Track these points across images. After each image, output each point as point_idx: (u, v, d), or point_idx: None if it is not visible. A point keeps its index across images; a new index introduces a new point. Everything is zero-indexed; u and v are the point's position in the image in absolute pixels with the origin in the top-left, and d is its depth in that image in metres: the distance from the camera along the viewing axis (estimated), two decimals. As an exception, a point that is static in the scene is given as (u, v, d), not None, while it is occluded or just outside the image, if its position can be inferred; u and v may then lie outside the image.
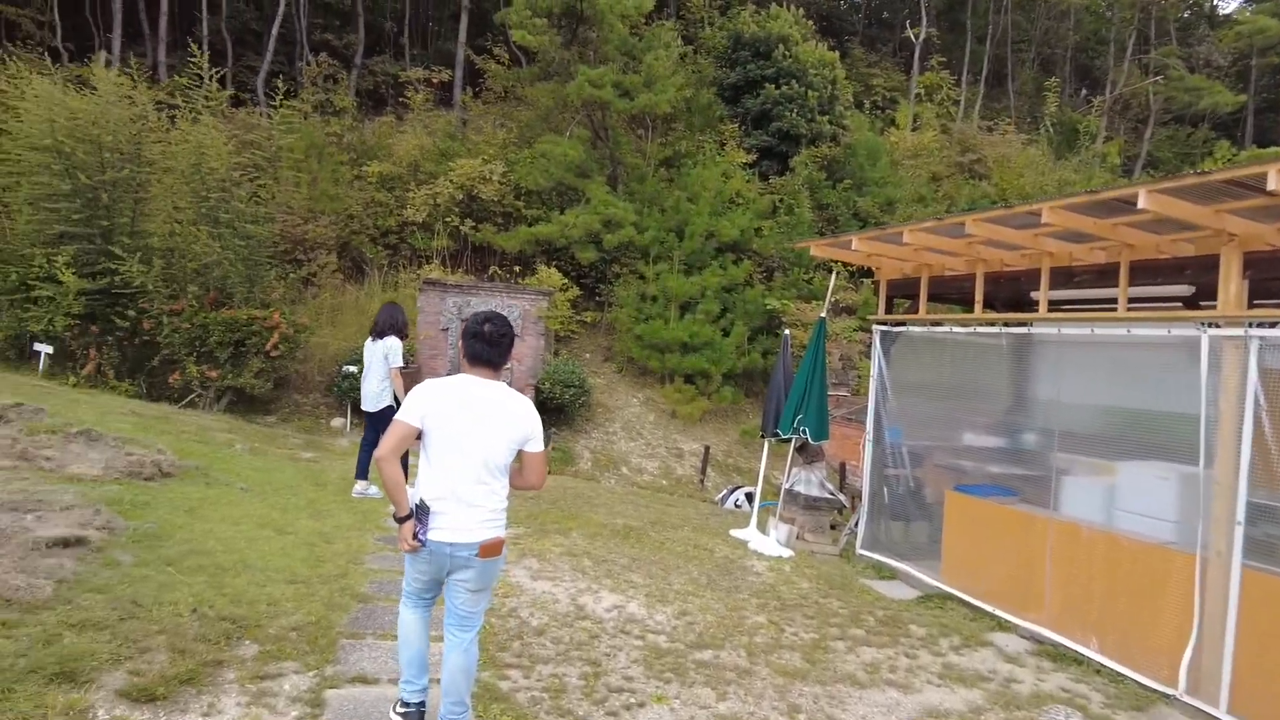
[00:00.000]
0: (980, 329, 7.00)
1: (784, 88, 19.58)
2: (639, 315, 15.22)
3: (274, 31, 20.25)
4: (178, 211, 10.82)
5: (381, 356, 7.70)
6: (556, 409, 13.01)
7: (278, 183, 15.22)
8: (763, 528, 8.58)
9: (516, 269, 15.69)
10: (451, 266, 15.98)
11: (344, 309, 14.92)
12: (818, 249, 7.96)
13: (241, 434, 10.09)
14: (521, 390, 13.19)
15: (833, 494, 9.25)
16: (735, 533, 8.56)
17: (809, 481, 9.15)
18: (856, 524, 8.70)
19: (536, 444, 3.19)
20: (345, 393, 12.02)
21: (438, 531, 3.04)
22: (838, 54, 22.30)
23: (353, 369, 11.93)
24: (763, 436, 8.99)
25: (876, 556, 7.87)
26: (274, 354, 10.81)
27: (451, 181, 15.56)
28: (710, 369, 14.84)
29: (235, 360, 11.01)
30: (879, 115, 26.47)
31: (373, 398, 7.84)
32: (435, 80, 19.90)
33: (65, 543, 4.49)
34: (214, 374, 10.79)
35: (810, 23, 23.29)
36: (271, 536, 5.68)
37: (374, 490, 7.73)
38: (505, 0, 19.26)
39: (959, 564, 6.91)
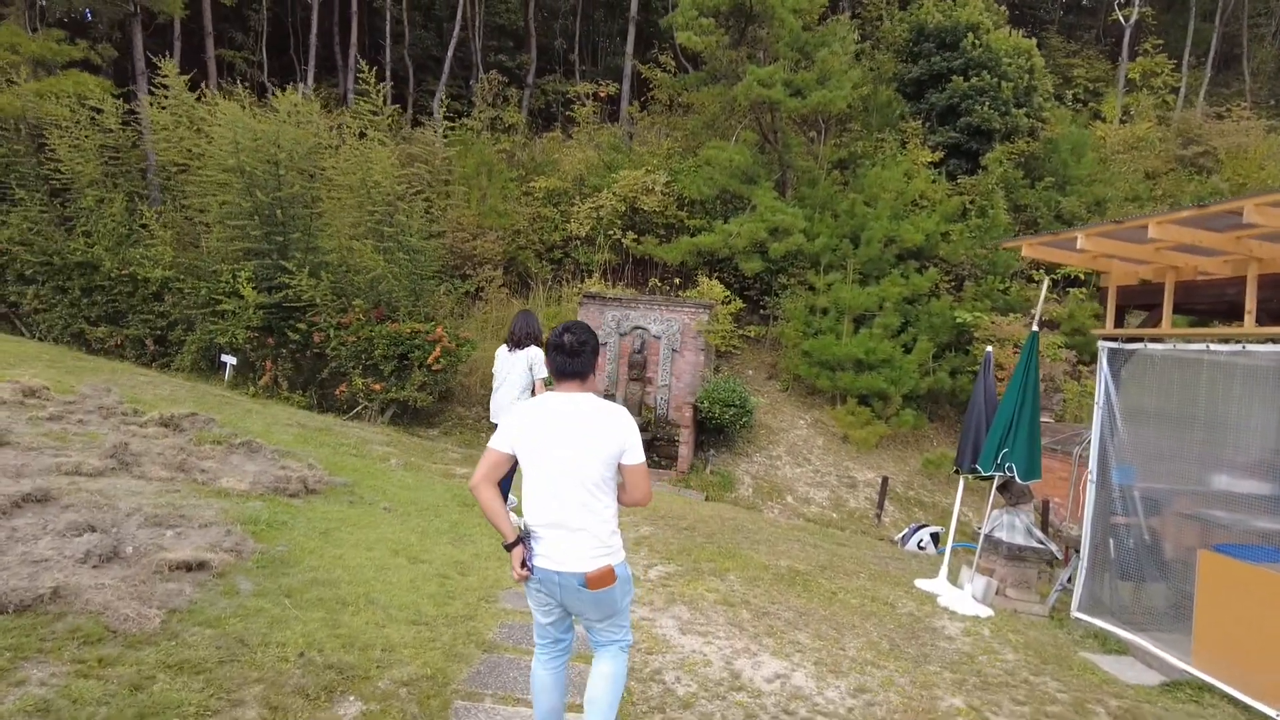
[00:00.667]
0: (1253, 347, 5.44)
1: (974, 79, 17.75)
2: (807, 329, 14.13)
3: (449, 55, 21.15)
4: (346, 227, 11.17)
5: (525, 368, 7.19)
6: (715, 429, 12.21)
7: (449, 199, 15.64)
8: (954, 577, 7.33)
9: (677, 281, 15.12)
10: (613, 280, 15.69)
11: (508, 322, 14.98)
12: (1031, 249, 6.65)
13: (400, 448, 10.13)
14: (678, 409, 12.49)
15: (1042, 543, 7.78)
16: (922, 583, 7.35)
17: (1013, 527, 7.74)
18: (1070, 579, 7.25)
19: (634, 455, 2.96)
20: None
21: (543, 559, 2.91)
22: (1034, 41, 20.01)
23: (510, 383, 11.76)
24: (957, 471, 7.71)
25: (1099, 623, 6.40)
26: (436, 367, 10.84)
27: (614, 194, 15.29)
28: (889, 389, 13.46)
29: (399, 373, 11.17)
30: (1082, 108, 23.60)
31: (506, 411, 7.47)
32: (603, 94, 19.90)
33: (188, 566, 4.27)
34: (378, 387, 10.99)
35: (1003, 8, 21.13)
36: (403, 565, 5.31)
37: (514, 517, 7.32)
38: (673, 6, 18.89)
39: (1220, 645, 5.37)
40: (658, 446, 12.56)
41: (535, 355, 7.10)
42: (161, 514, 5.05)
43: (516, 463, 3.03)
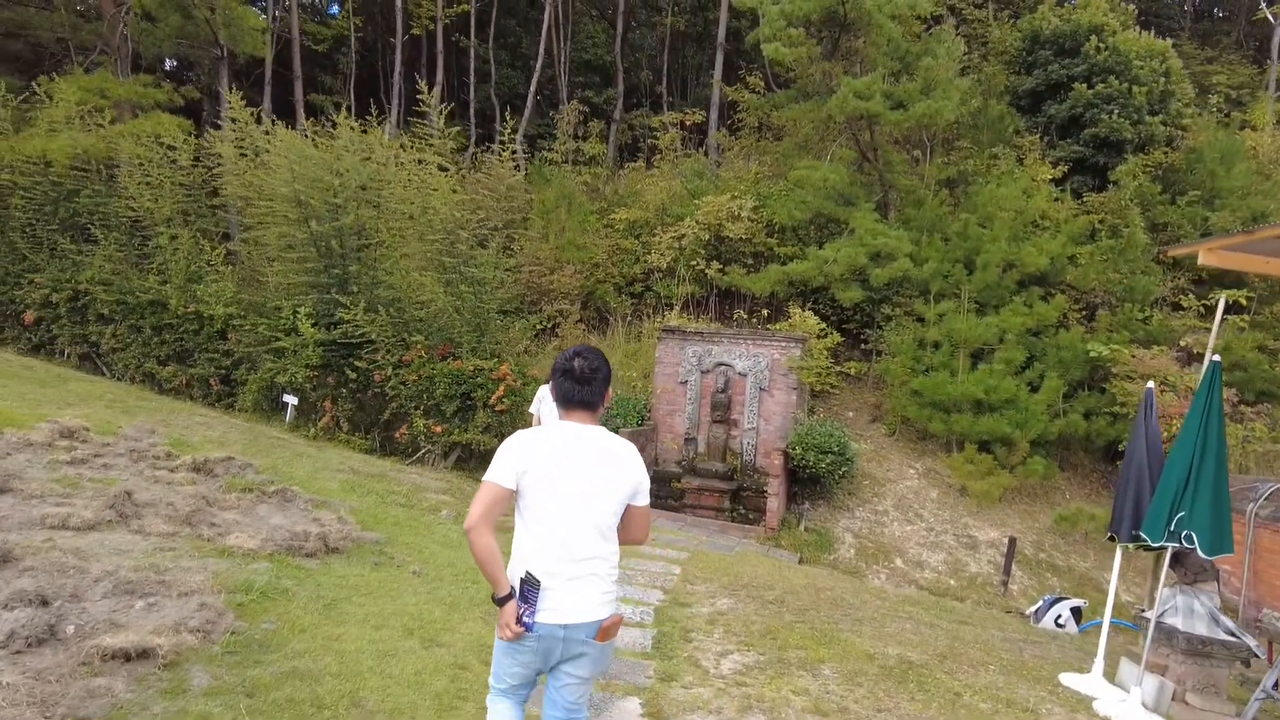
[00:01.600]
0: None
1: (1099, 86, 16.01)
2: (916, 366, 12.67)
3: (531, 87, 20.96)
4: (406, 259, 10.66)
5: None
6: (810, 480, 10.90)
7: (526, 232, 15.12)
8: (1111, 670, 5.88)
9: (765, 314, 13.98)
10: (695, 313, 14.71)
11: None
12: (1211, 254, 5.24)
13: (458, 495, 9.35)
14: (767, 455, 11.26)
15: (1234, 634, 6.15)
16: (1070, 680, 5.89)
17: (1192, 612, 6.19)
18: (1277, 685, 5.67)
19: (645, 496, 2.80)
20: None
21: (548, 612, 2.61)
22: (1169, 42, 18.02)
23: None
24: (1112, 539, 6.20)
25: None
26: (500, 408, 10.07)
27: (698, 221, 14.38)
28: (1013, 434, 11.80)
29: (461, 414, 10.47)
30: (1226, 118, 21.18)
31: None
32: (689, 122, 19.17)
33: (128, 655, 3.45)
34: (439, 429, 10.31)
35: (1130, 7, 19.25)
36: (414, 651, 4.37)
37: None
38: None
39: None
40: (744, 498, 11.35)
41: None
42: (138, 579, 4.31)
43: None
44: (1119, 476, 6.30)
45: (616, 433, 9.97)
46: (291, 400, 11.11)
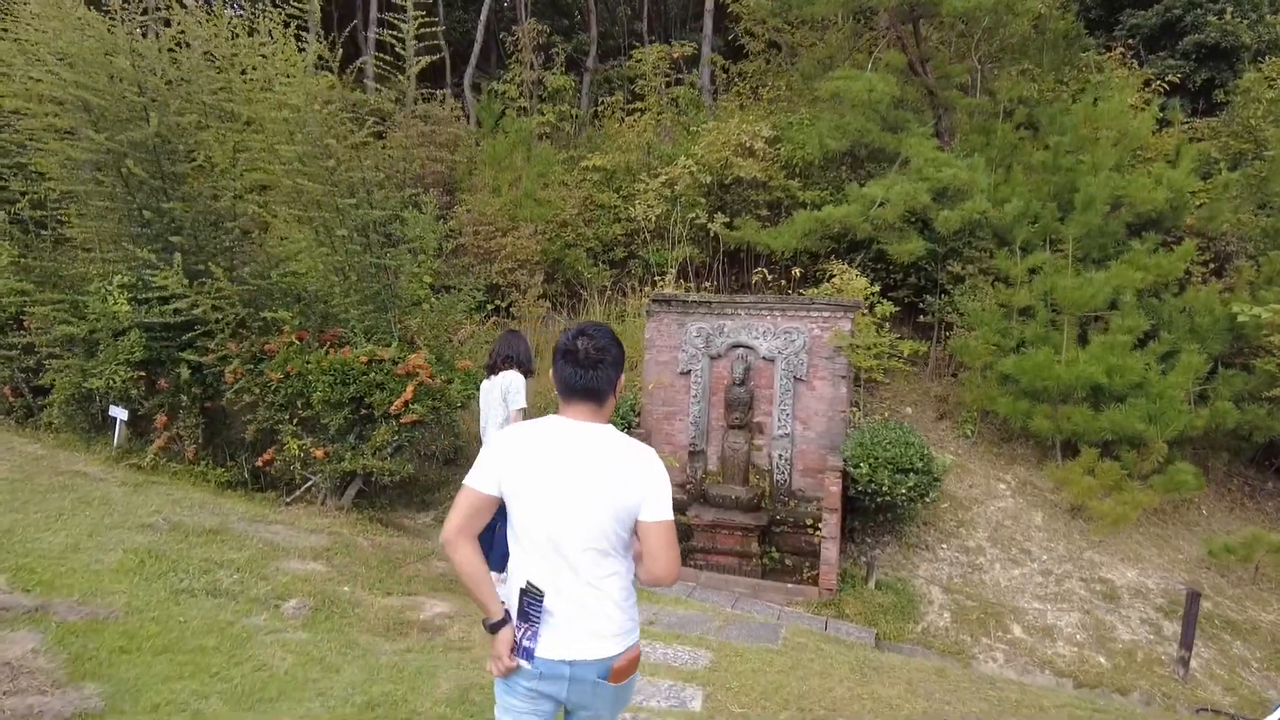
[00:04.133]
0: None
1: (1199, -18, 12.91)
2: (1003, 342, 9.47)
3: (481, 21, 17.65)
4: (268, 200, 7.28)
5: (499, 398, 6.02)
6: (881, 508, 7.66)
7: (470, 179, 11.91)
8: None
9: (794, 275, 10.72)
10: (697, 284, 11.47)
11: (548, 352, 10.93)
12: None
13: (342, 559, 6.09)
14: (810, 473, 7.96)
15: None
16: None
17: None
18: None
19: (655, 509, 2.20)
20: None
21: (549, 646, 2.19)
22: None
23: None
24: None
25: None
26: (406, 417, 6.80)
27: (696, 160, 11.12)
28: (1145, 431, 8.62)
29: (357, 429, 7.20)
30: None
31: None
32: (676, 54, 15.82)
33: None
34: (321, 452, 7.01)
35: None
36: None
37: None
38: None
39: None
40: (778, 536, 8.11)
41: (511, 381, 6.01)
42: None
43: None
44: None
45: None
46: (120, 414, 7.80)
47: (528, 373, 6.21)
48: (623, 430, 6.90)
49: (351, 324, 7.14)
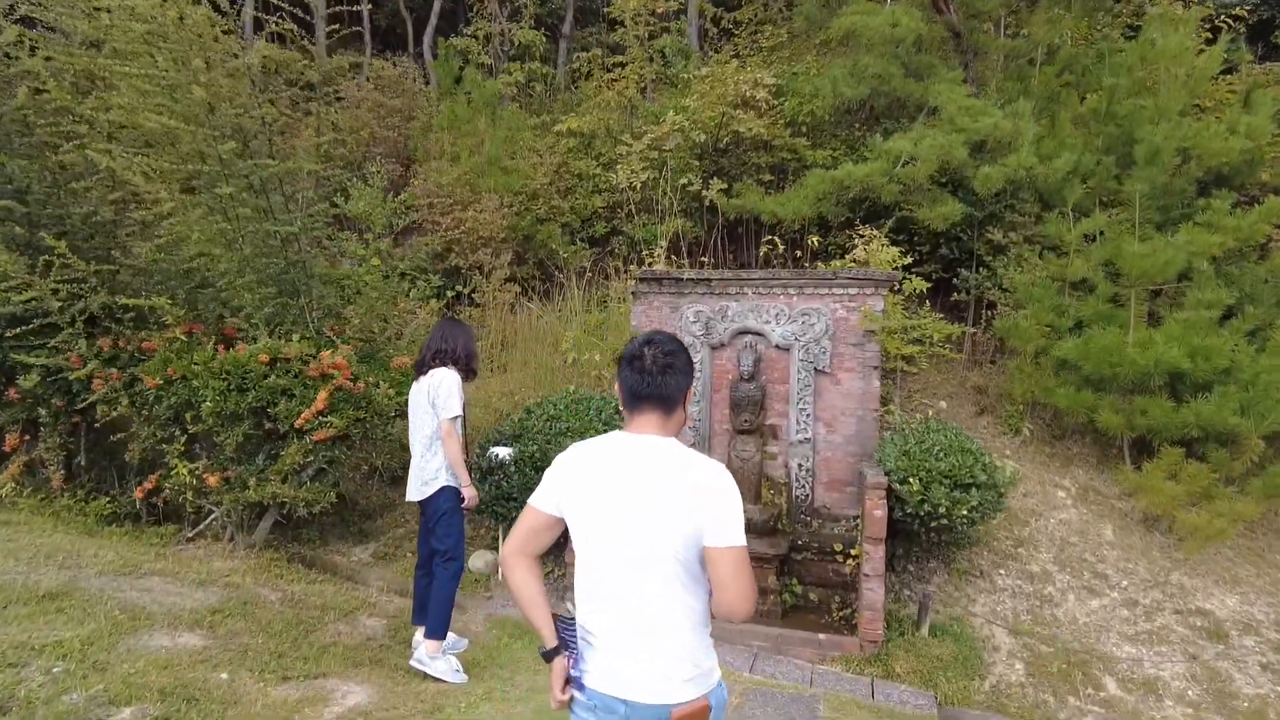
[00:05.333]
0: None
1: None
2: (1056, 320, 8.03)
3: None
4: (121, 153, 5.69)
5: (426, 404, 4.74)
6: (933, 531, 6.17)
7: (425, 141, 10.40)
8: None
9: (809, 245, 9.23)
10: (691, 262, 9.97)
11: (519, 344, 9.42)
12: None
13: (226, 627, 4.59)
14: (837, 486, 6.33)
15: None
16: None
17: None
18: None
19: (722, 533, 1.99)
20: (496, 499, 6.23)
21: (603, 676, 2.07)
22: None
23: (504, 453, 6.20)
24: None
25: None
26: (320, 434, 5.29)
27: (687, 117, 9.60)
28: (1239, 425, 7.21)
29: (265, 448, 5.67)
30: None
31: (418, 476, 4.85)
32: (660, 9, 14.23)
33: None
34: (214, 479, 5.48)
35: None
36: None
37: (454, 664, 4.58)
38: None
39: None
40: (800, 566, 6.64)
41: (442, 382, 4.70)
42: None
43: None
44: None
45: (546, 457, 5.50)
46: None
47: (467, 372, 4.83)
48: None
49: (248, 312, 5.59)
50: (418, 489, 4.85)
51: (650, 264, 8.61)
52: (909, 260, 7.92)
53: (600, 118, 10.97)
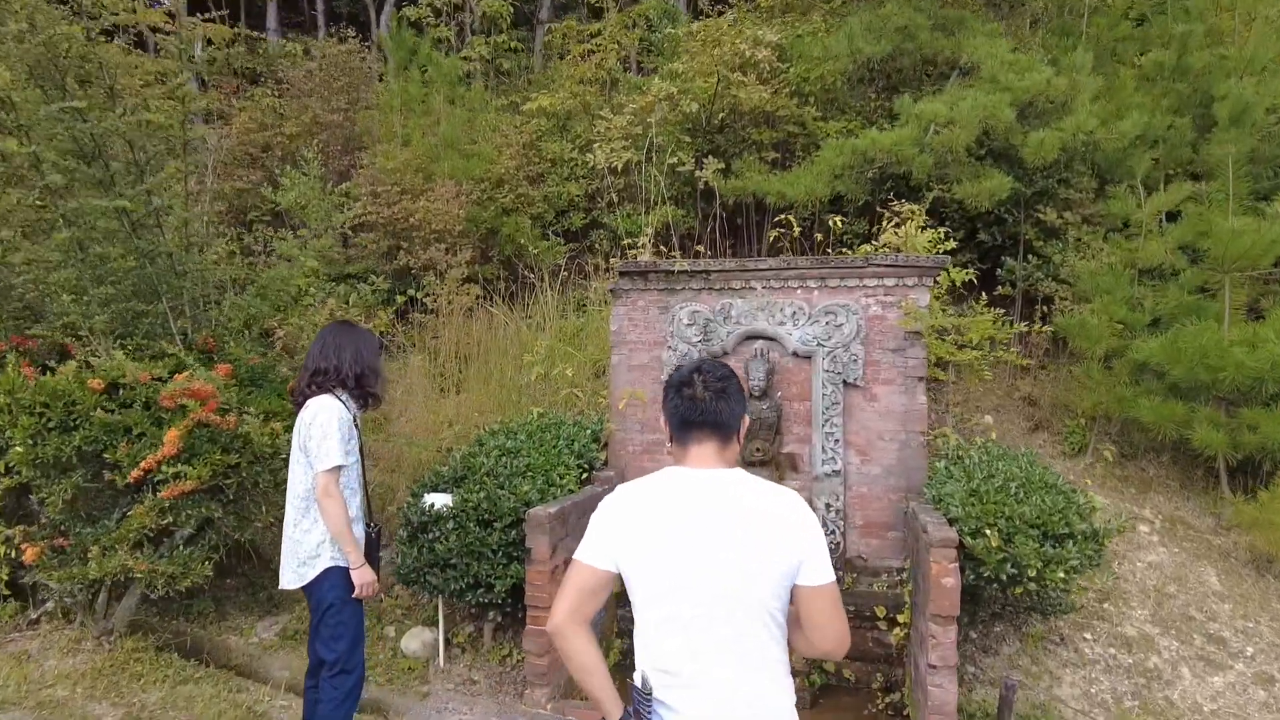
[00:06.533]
0: None
1: None
2: (1131, 316, 6.63)
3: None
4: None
5: (299, 449, 3.43)
6: (1014, 597, 4.70)
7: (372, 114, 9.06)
8: None
9: (834, 227, 7.79)
10: (684, 255, 8.53)
11: (479, 357, 7.97)
12: None
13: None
14: (882, 534, 5.10)
15: None
16: None
17: None
18: None
19: (817, 571, 1.89)
20: (431, 565, 4.74)
21: None
22: None
23: (441, 502, 4.74)
24: None
25: None
26: (173, 488, 3.83)
27: (677, 81, 8.20)
28: (1368, 441, 5.82)
29: (105, 505, 4.20)
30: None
31: (292, 554, 3.48)
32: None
33: None
34: (32, 552, 4.01)
35: None
36: None
37: None
38: None
39: None
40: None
41: (315, 416, 3.34)
42: None
43: None
44: None
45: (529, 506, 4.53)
46: None
47: (363, 398, 3.42)
48: (582, 473, 4.10)
49: (71, 321, 4.12)
50: (293, 571, 3.42)
51: (634, 255, 7.18)
52: (951, 243, 6.48)
53: (575, 92, 9.56)
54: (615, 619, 5.62)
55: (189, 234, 4.93)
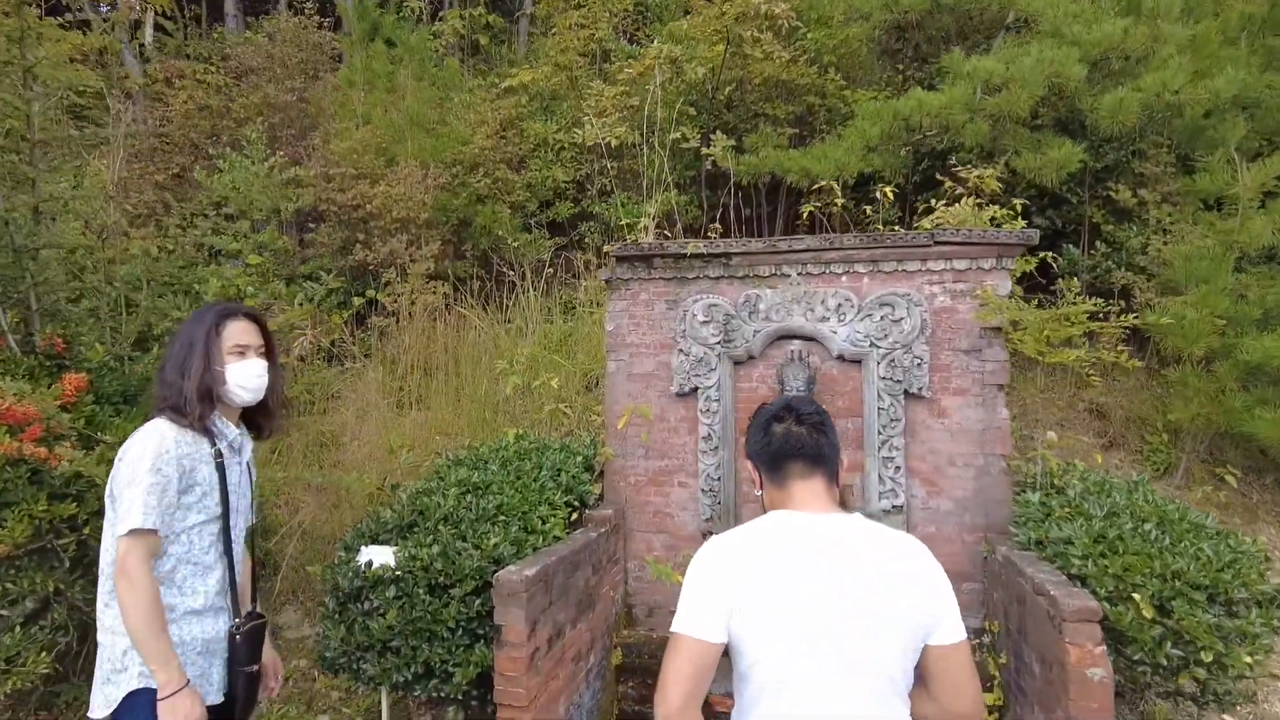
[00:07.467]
0: None
1: None
2: (1236, 309, 5.51)
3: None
4: None
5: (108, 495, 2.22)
6: (1173, 688, 3.52)
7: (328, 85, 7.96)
8: None
9: (884, 197, 6.65)
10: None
11: (446, 367, 6.77)
12: None
13: None
14: (957, 585, 4.06)
15: None
16: None
17: None
18: None
19: (953, 627, 1.69)
20: (366, 648, 3.50)
21: None
22: None
23: (381, 559, 3.50)
24: None
25: None
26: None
27: (677, 46, 7.07)
28: None
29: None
30: None
31: (101, 660, 2.20)
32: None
33: None
34: None
35: None
36: None
37: None
38: None
39: None
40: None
41: (126, 450, 2.20)
42: None
43: None
44: None
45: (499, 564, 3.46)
46: None
47: (199, 411, 2.27)
48: (571, 512, 2.92)
49: None
50: (99, 692, 2.17)
51: (634, 240, 5.99)
52: (1021, 222, 5.34)
53: (562, 64, 8.42)
54: (616, 697, 4.42)
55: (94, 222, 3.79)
